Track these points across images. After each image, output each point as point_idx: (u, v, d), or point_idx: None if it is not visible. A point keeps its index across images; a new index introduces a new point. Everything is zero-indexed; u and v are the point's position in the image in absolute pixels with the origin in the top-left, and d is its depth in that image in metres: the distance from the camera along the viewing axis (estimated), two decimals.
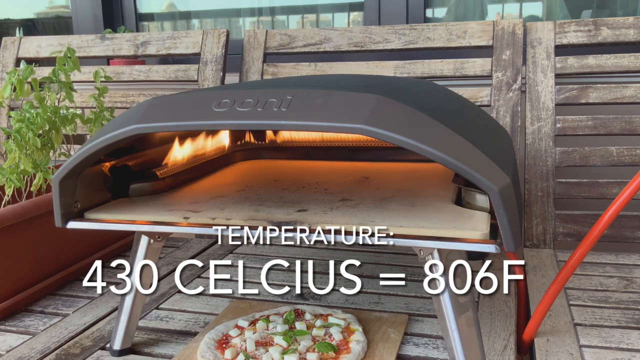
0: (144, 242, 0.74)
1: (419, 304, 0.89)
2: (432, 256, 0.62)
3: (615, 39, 1.16)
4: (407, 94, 0.66)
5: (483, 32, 1.23)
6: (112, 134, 0.64)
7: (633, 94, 1.13)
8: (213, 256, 1.14)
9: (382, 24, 1.64)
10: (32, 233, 0.92)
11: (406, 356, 0.74)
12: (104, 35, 1.47)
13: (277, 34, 1.35)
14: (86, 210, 0.72)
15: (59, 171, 0.67)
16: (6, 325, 0.86)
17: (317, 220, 0.65)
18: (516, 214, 0.57)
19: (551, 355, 0.73)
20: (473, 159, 0.56)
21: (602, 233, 0.69)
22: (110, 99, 1.42)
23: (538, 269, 1.02)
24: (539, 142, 1.15)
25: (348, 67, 1.29)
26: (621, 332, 0.78)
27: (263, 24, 1.95)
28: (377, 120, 0.56)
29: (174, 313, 0.89)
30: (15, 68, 1.28)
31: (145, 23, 2.01)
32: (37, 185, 0.96)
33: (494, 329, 0.80)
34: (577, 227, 1.13)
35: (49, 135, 0.99)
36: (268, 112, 0.59)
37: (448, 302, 0.63)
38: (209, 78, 1.36)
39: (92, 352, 0.77)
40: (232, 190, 0.82)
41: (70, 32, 2.03)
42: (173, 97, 0.67)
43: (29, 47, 1.51)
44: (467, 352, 0.63)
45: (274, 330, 0.76)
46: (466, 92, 1.20)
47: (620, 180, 1.12)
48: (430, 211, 0.68)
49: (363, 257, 1.11)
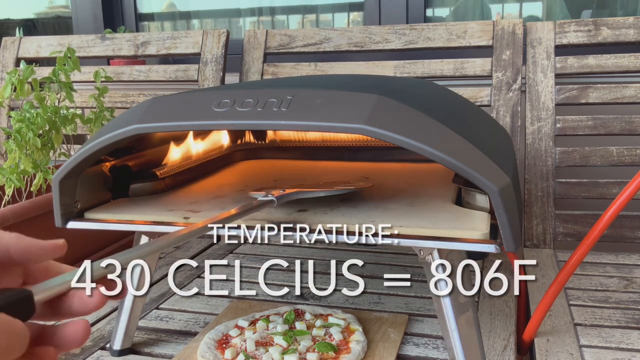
0: (144, 242, 0.74)
1: (419, 304, 0.89)
2: (432, 256, 0.62)
3: (615, 39, 1.16)
4: (407, 94, 0.66)
5: (483, 32, 1.23)
6: (112, 134, 0.64)
7: (633, 94, 1.13)
8: (213, 256, 1.14)
9: (382, 24, 1.64)
10: (32, 233, 0.91)
11: (406, 356, 0.74)
12: (104, 35, 1.47)
13: (277, 34, 1.35)
14: (86, 210, 0.72)
15: (59, 171, 0.67)
16: None
17: (317, 220, 0.65)
18: (516, 214, 0.57)
19: (551, 355, 0.73)
20: (473, 159, 0.56)
21: (602, 233, 0.69)
22: (110, 99, 1.42)
23: (538, 269, 1.02)
24: (539, 142, 1.15)
25: (348, 67, 1.29)
26: (621, 332, 0.78)
27: (263, 24, 1.95)
28: (377, 120, 0.56)
29: (174, 313, 0.89)
30: (15, 68, 1.28)
31: (145, 23, 2.02)
32: (37, 185, 0.96)
33: (494, 329, 0.80)
34: (577, 227, 1.13)
35: (49, 135, 0.99)
36: (268, 112, 0.59)
37: (448, 302, 0.63)
38: (209, 78, 1.36)
39: (92, 352, 0.77)
40: (232, 190, 0.82)
41: (70, 32, 2.03)
42: (173, 97, 0.67)
43: (29, 47, 1.51)
44: (467, 352, 0.63)
45: (274, 330, 0.76)
46: (466, 92, 1.20)
47: (620, 180, 1.12)
48: (430, 211, 0.68)
49: (363, 257, 1.11)
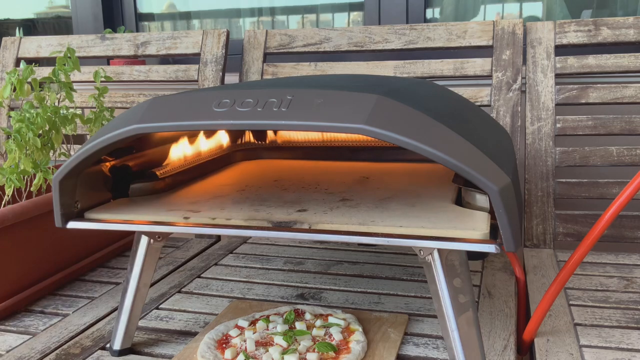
0: (144, 242, 0.74)
1: (419, 304, 0.89)
2: (432, 256, 0.62)
3: (615, 39, 1.16)
4: (407, 94, 0.66)
5: (483, 32, 1.23)
6: (112, 134, 0.64)
7: (633, 94, 1.13)
8: (213, 256, 1.14)
9: (382, 24, 1.64)
10: (32, 233, 0.92)
11: (406, 356, 0.74)
12: (104, 35, 1.47)
13: (277, 34, 1.35)
14: (86, 210, 0.72)
15: (59, 171, 0.67)
16: (6, 325, 0.86)
17: (317, 220, 0.65)
18: (516, 214, 0.57)
19: (551, 355, 0.73)
20: (473, 159, 0.56)
21: (602, 233, 0.69)
22: (110, 99, 1.42)
23: (538, 269, 1.02)
24: (539, 142, 1.15)
25: (348, 67, 1.29)
26: (621, 332, 0.78)
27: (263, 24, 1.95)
28: (377, 120, 0.56)
29: (174, 313, 0.89)
30: (15, 68, 1.28)
31: (145, 23, 2.01)
32: (37, 185, 0.96)
33: (494, 329, 0.80)
34: (577, 227, 1.13)
35: (49, 135, 0.99)
36: (268, 112, 0.59)
37: (448, 302, 0.63)
38: (209, 78, 1.36)
39: (92, 352, 0.77)
40: (232, 190, 0.82)
41: (70, 32, 2.03)
42: (173, 97, 0.67)
43: (29, 47, 1.51)
44: (467, 352, 0.63)
45: (274, 330, 0.77)
46: (466, 92, 1.20)
47: (620, 180, 1.12)
48: (430, 211, 0.68)
49: (363, 257, 1.11)
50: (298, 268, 1.06)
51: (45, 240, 0.95)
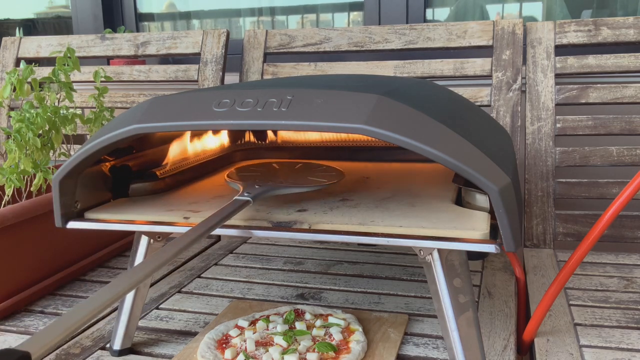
0: (144, 242, 0.74)
1: (419, 304, 0.89)
2: (432, 256, 0.62)
3: (615, 39, 1.16)
4: (407, 94, 0.66)
5: (483, 32, 1.23)
6: (112, 134, 0.64)
7: (633, 94, 1.13)
8: (213, 256, 1.14)
9: (382, 24, 1.64)
10: (32, 233, 0.92)
11: (406, 356, 0.74)
12: (104, 35, 1.47)
13: (277, 34, 1.35)
14: (86, 210, 0.72)
15: (59, 171, 0.67)
16: (6, 325, 0.86)
17: (317, 220, 0.65)
18: (516, 214, 0.57)
19: (551, 355, 0.73)
20: (473, 159, 0.56)
21: (602, 233, 0.69)
22: (110, 99, 1.42)
23: (538, 269, 1.02)
24: (539, 142, 1.15)
25: (348, 67, 1.29)
26: (621, 332, 0.78)
27: (263, 24, 1.95)
28: (377, 120, 0.56)
29: (174, 313, 0.89)
30: (15, 68, 1.28)
31: (145, 23, 2.02)
32: (37, 185, 0.96)
33: (494, 329, 0.80)
34: (577, 227, 1.13)
35: (49, 135, 0.99)
36: (268, 112, 0.59)
37: (448, 302, 0.63)
38: (209, 78, 1.36)
39: (92, 352, 0.77)
40: (232, 190, 0.82)
41: (70, 32, 2.03)
42: (173, 97, 0.67)
43: (29, 47, 1.51)
44: (467, 352, 0.63)
45: (274, 330, 0.76)
46: (466, 92, 1.20)
47: (620, 180, 1.12)
48: (430, 211, 0.68)
49: (363, 257, 1.11)
50: (298, 268, 1.06)
51: (45, 240, 0.95)
